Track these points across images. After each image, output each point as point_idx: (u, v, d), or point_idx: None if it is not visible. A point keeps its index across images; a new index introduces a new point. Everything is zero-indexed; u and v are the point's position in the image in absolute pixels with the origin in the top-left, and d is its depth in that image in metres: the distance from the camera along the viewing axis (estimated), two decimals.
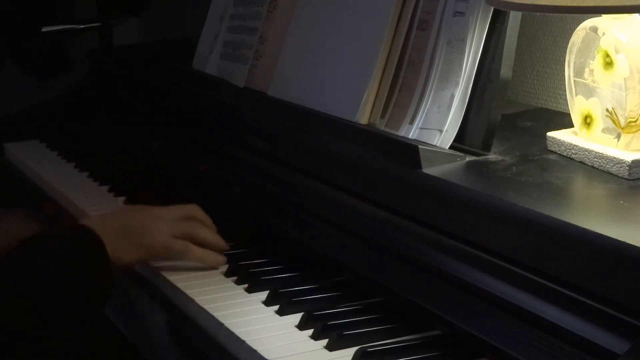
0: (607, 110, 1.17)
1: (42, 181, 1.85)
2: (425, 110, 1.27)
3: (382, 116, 1.33)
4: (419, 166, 1.19)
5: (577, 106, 1.22)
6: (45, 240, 1.31)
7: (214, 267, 1.36)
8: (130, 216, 1.39)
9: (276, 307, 1.22)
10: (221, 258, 1.37)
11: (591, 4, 1.01)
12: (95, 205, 1.66)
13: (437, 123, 1.25)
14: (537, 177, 1.14)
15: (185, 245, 1.36)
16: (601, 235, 0.94)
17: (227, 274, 1.34)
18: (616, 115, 1.15)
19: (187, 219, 1.40)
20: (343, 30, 1.41)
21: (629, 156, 1.13)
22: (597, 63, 1.16)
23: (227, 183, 1.53)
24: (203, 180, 1.60)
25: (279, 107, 1.49)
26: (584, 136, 1.21)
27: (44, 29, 2.38)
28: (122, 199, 1.68)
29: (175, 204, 1.44)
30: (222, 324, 1.19)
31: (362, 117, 1.34)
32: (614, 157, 1.14)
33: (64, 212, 1.71)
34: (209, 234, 1.40)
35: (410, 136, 1.27)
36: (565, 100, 1.25)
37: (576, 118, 1.23)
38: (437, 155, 1.20)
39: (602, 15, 1.16)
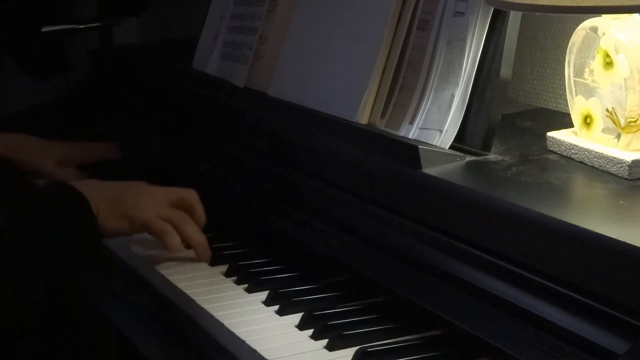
0: (607, 110, 1.17)
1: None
2: (425, 110, 1.27)
3: (382, 116, 1.33)
4: (419, 166, 1.19)
5: (577, 106, 1.22)
6: (35, 197, 1.30)
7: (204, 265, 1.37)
8: (126, 188, 1.41)
9: (276, 307, 1.22)
10: (206, 252, 1.37)
11: (591, 4, 1.01)
12: None
13: (437, 123, 1.25)
14: (537, 177, 1.14)
15: (164, 226, 1.36)
16: (601, 235, 0.94)
17: (227, 274, 1.34)
18: (616, 115, 1.15)
19: (180, 206, 1.40)
20: (343, 30, 1.41)
21: (629, 156, 1.13)
22: (597, 63, 1.16)
23: (227, 183, 1.53)
24: (203, 180, 1.60)
25: (279, 107, 1.49)
26: (584, 136, 1.21)
27: (44, 29, 2.38)
28: None
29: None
30: (222, 324, 1.19)
31: (362, 117, 1.34)
32: (614, 157, 1.14)
33: None
34: (194, 232, 1.39)
35: (410, 136, 1.27)
36: (565, 100, 1.25)
37: (576, 118, 1.23)
38: (437, 155, 1.20)
39: (602, 15, 1.16)
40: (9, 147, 1.70)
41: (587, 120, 1.20)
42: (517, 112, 1.48)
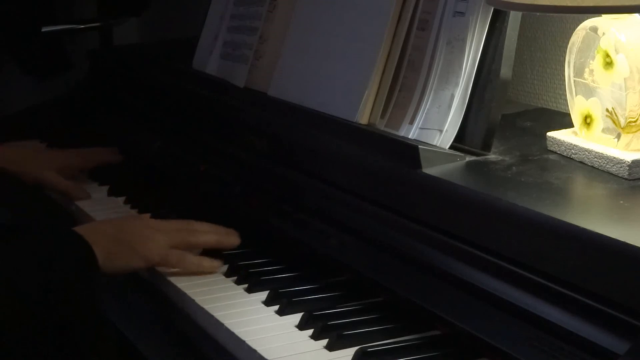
0: (607, 110, 1.17)
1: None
2: (425, 110, 1.27)
3: (382, 116, 1.33)
4: (419, 166, 1.19)
5: (577, 106, 1.22)
6: (34, 247, 1.30)
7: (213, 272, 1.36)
8: (127, 226, 1.39)
9: (276, 307, 1.22)
10: (217, 262, 1.37)
11: (591, 4, 1.01)
12: (95, 205, 1.66)
13: (437, 123, 1.25)
14: (537, 177, 1.14)
15: (180, 255, 1.36)
16: (601, 235, 0.94)
17: (227, 274, 1.34)
18: (616, 115, 1.15)
19: (183, 229, 1.40)
20: (343, 30, 1.41)
21: (629, 156, 1.13)
22: (597, 63, 1.16)
23: (227, 183, 1.53)
24: (203, 180, 1.60)
25: (279, 107, 1.49)
26: (584, 136, 1.21)
27: (44, 29, 2.38)
28: (122, 199, 1.68)
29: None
30: (222, 324, 1.19)
31: (362, 117, 1.34)
32: (614, 157, 1.14)
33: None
34: (209, 237, 1.39)
35: (410, 136, 1.27)
36: (565, 100, 1.25)
37: (576, 118, 1.23)
38: (437, 155, 1.20)
39: (602, 15, 1.16)
40: (9, 160, 1.70)
41: (587, 120, 1.20)
42: (517, 112, 1.48)
